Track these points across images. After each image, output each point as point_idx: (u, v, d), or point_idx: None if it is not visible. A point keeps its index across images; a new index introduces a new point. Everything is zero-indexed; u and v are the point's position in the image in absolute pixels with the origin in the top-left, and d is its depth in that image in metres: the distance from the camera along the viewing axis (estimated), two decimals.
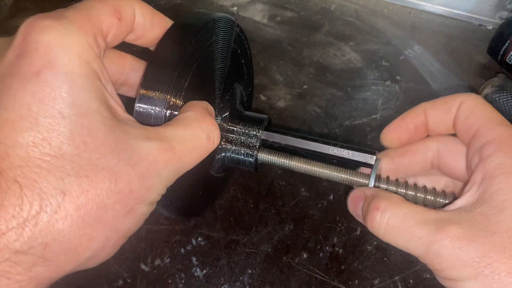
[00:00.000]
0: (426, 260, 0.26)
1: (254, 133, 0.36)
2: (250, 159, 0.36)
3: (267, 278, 0.45)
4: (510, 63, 0.65)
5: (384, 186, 0.32)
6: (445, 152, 0.32)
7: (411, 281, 0.45)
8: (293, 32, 0.77)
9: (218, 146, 0.33)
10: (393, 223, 0.26)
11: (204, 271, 0.45)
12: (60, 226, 0.21)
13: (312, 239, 0.48)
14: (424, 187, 0.32)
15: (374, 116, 0.62)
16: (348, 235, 0.48)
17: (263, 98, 0.65)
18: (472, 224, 0.24)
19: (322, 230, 0.49)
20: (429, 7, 0.80)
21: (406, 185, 0.32)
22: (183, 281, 0.45)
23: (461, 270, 0.24)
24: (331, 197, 0.52)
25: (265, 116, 0.37)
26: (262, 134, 0.36)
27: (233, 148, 0.36)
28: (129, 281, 0.44)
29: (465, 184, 0.28)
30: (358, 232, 0.49)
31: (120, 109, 0.25)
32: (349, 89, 0.66)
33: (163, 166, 0.25)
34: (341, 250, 0.47)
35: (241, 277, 0.45)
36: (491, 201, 0.25)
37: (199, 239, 0.47)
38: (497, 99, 0.59)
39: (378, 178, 0.32)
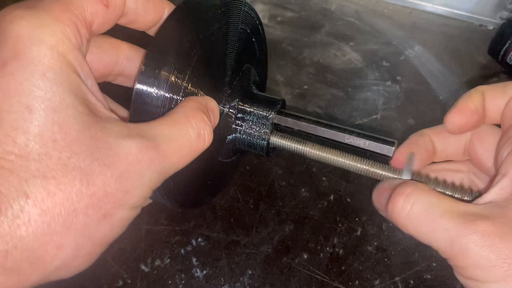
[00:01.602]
0: (449, 255, 0.23)
1: (266, 115, 0.34)
2: (262, 142, 0.34)
3: (267, 278, 0.45)
4: (510, 63, 0.64)
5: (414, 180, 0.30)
6: (477, 139, 0.30)
7: (412, 281, 0.45)
8: (293, 32, 0.77)
9: (227, 133, 0.31)
10: (417, 210, 0.24)
11: (204, 272, 0.45)
12: (22, 233, 0.19)
13: (313, 239, 0.48)
14: (453, 183, 0.30)
15: (374, 116, 0.62)
16: (348, 236, 0.48)
17: None
18: (505, 221, 0.22)
19: (322, 231, 0.49)
20: (429, 7, 0.80)
21: (436, 180, 0.30)
22: (183, 281, 0.44)
23: (488, 271, 0.21)
24: (332, 197, 0.52)
25: (279, 98, 0.35)
26: (275, 118, 0.34)
27: (245, 130, 0.34)
28: (129, 281, 0.44)
29: (493, 177, 0.25)
30: (359, 233, 0.49)
31: (100, 105, 0.23)
32: (349, 89, 0.66)
33: (145, 167, 0.22)
34: (341, 251, 0.47)
35: (241, 278, 0.45)
36: None
37: (199, 239, 0.47)
38: None
39: (411, 172, 0.30)
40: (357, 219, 0.50)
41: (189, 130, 0.25)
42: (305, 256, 0.47)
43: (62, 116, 0.20)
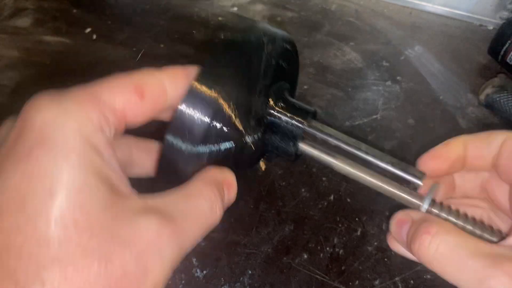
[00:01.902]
0: None
1: (297, 124, 0.33)
2: (291, 149, 0.33)
3: (267, 278, 0.45)
4: (510, 63, 0.64)
5: (436, 211, 0.30)
6: (494, 179, 0.31)
7: (412, 281, 0.45)
8: (293, 32, 0.77)
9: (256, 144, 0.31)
10: (444, 251, 0.24)
11: (204, 272, 0.45)
12: None
13: (313, 239, 0.48)
14: (473, 218, 0.30)
15: (374, 116, 0.62)
16: (348, 236, 0.48)
17: None
18: None
19: (322, 231, 0.49)
20: (429, 7, 0.80)
21: (457, 213, 0.30)
22: (183, 281, 0.44)
23: None
24: (332, 197, 0.52)
25: (312, 108, 0.34)
26: (305, 127, 0.33)
27: (275, 137, 0.34)
28: None
29: None
30: (359, 233, 0.49)
31: (121, 184, 0.23)
32: (349, 89, 0.66)
33: (164, 243, 0.22)
34: (341, 251, 0.47)
35: (241, 278, 0.45)
36: None
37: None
38: (497, 99, 0.59)
39: (433, 202, 0.30)
40: (357, 219, 0.50)
41: (203, 203, 0.24)
42: (305, 256, 0.47)
43: (84, 197, 0.20)
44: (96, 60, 0.72)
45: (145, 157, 0.31)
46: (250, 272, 0.45)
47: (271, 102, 0.33)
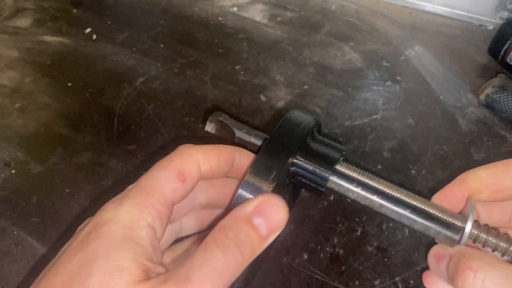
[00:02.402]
0: None
1: (324, 174, 0.32)
2: (320, 189, 0.33)
3: (267, 279, 0.45)
4: (510, 63, 0.64)
5: (484, 236, 0.29)
6: None
7: (412, 281, 0.45)
8: (293, 32, 0.77)
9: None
10: (490, 285, 0.24)
11: None
12: None
13: (313, 239, 0.48)
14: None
15: (374, 116, 0.62)
16: (348, 236, 0.48)
17: (263, 98, 0.65)
18: None
19: (322, 231, 0.49)
20: (429, 7, 0.80)
21: (497, 234, 0.29)
22: None
23: None
24: (332, 197, 0.52)
25: (338, 155, 0.33)
26: (332, 176, 0.32)
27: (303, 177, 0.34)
28: None
29: None
30: (359, 233, 0.49)
31: (155, 267, 0.26)
32: (349, 89, 0.66)
33: None
34: (341, 251, 0.47)
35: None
36: None
37: None
38: (497, 99, 0.59)
39: (477, 225, 0.29)
40: (357, 219, 0.50)
41: (215, 253, 0.25)
42: (305, 256, 0.47)
43: (113, 279, 0.24)
44: (96, 60, 0.72)
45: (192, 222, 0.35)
46: None
47: (298, 158, 0.33)
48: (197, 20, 0.80)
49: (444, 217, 0.30)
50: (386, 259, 0.46)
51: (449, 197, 0.31)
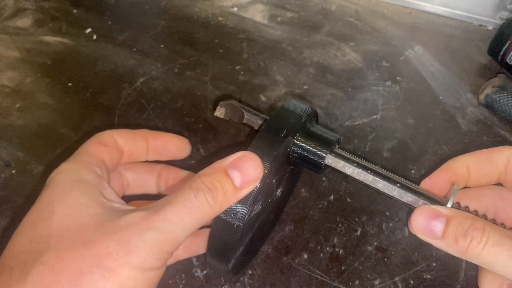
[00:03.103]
0: None
1: (321, 153, 0.36)
2: (316, 169, 0.37)
3: (267, 278, 0.45)
4: (510, 63, 0.65)
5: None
6: (499, 200, 0.32)
7: (412, 281, 0.45)
8: (293, 33, 0.77)
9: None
10: (492, 242, 0.26)
11: (205, 272, 0.45)
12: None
13: (313, 239, 0.48)
14: (503, 224, 0.31)
15: (374, 116, 0.62)
16: (348, 236, 0.48)
17: (263, 98, 0.65)
18: None
19: (322, 231, 0.49)
20: (429, 7, 0.80)
21: (476, 213, 0.31)
22: (183, 281, 0.45)
23: None
24: (332, 197, 0.52)
25: (334, 138, 0.37)
26: (328, 158, 0.36)
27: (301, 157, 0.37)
28: None
29: None
30: (359, 233, 0.49)
31: (114, 201, 0.30)
32: (349, 89, 0.66)
33: (145, 229, 0.26)
34: (341, 251, 0.47)
35: (242, 278, 0.45)
36: None
37: None
38: (497, 99, 0.59)
39: (458, 206, 0.31)
40: (357, 219, 0.50)
41: (187, 192, 0.28)
42: (305, 256, 0.47)
43: (75, 211, 0.28)
44: (97, 60, 0.72)
45: (148, 178, 0.41)
46: (250, 272, 0.45)
47: (298, 138, 0.36)
48: (197, 20, 0.80)
49: (430, 195, 0.32)
50: (386, 259, 0.47)
51: (437, 182, 0.33)
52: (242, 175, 0.29)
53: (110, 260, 0.25)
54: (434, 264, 0.46)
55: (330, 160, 0.35)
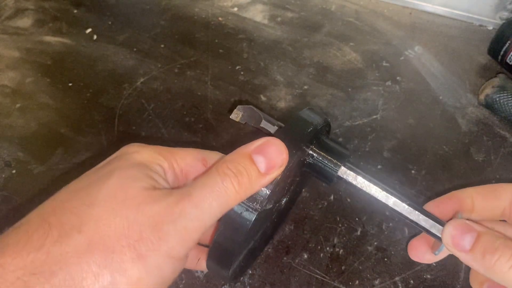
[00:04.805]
0: None
1: (333, 166, 0.36)
2: (329, 180, 0.37)
3: (267, 278, 0.45)
4: (510, 63, 0.65)
5: None
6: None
7: (412, 281, 0.45)
8: (293, 33, 0.77)
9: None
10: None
11: (205, 272, 0.45)
12: (69, 259, 0.24)
13: (313, 239, 0.48)
14: None
15: (374, 116, 0.62)
16: (348, 236, 0.48)
17: (263, 98, 0.65)
18: None
19: (322, 231, 0.49)
20: (429, 7, 0.80)
21: None
22: (183, 281, 0.45)
23: None
24: (332, 197, 0.52)
25: (347, 152, 0.37)
26: (340, 172, 0.36)
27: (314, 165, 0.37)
28: None
29: None
30: (359, 233, 0.49)
31: (162, 185, 0.30)
32: (349, 89, 0.66)
33: (177, 215, 0.26)
34: (341, 251, 0.47)
35: (242, 278, 0.45)
36: None
37: None
38: (497, 99, 0.59)
39: None
40: (357, 219, 0.50)
41: (215, 177, 0.28)
42: (305, 256, 0.47)
43: (128, 182, 0.28)
44: (97, 60, 0.72)
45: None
46: (250, 272, 0.45)
47: (312, 148, 0.36)
48: (197, 20, 0.80)
49: (435, 218, 0.32)
50: (386, 259, 0.47)
51: (441, 207, 0.33)
52: (266, 160, 0.29)
53: (141, 245, 0.25)
54: (434, 264, 0.46)
55: (344, 173, 0.36)
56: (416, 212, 0.33)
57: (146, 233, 0.25)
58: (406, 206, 0.33)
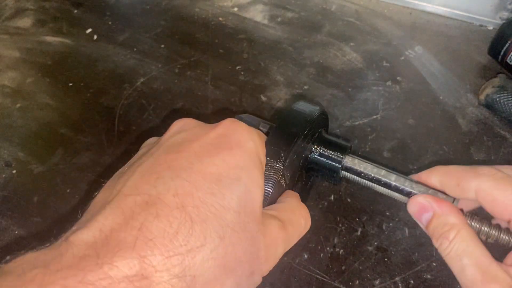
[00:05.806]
0: None
1: (337, 157, 0.37)
2: (334, 176, 0.38)
3: (267, 278, 0.45)
4: (510, 63, 0.65)
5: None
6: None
7: (412, 281, 0.45)
8: (293, 33, 0.77)
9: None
10: (454, 255, 0.29)
11: None
12: (209, 265, 0.24)
13: (313, 239, 0.48)
14: (498, 225, 0.32)
15: (374, 116, 0.62)
16: (348, 236, 0.48)
17: (263, 98, 0.65)
18: None
19: (322, 231, 0.49)
20: (429, 7, 0.80)
21: (481, 220, 0.32)
22: None
23: None
24: (332, 197, 0.52)
25: (348, 144, 0.38)
26: (344, 160, 0.37)
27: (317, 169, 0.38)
28: None
29: None
30: (359, 233, 0.49)
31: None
32: (349, 89, 0.66)
33: (280, 242, 0.29)
34: (341, 251, 0.47)
35: None
36: None
37: None
38: (497, 99, 0.59)
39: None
40: (357, 219, 0.50)
41: (301, 219, 0.32)
42: (306, 256, 0.47)
43: (256, 190, 0.28)
44: (97, 60, 0.72)
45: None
46: None
47: (314, 146, 0.38)
48: (197, 20, 0.80)
49: (439, 191, 0.34)
50: (386, 259, 0.47)
51: (423, 180, 0.35)
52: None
53: (255, 264, 0.27)
54: (434, 264, 0.46)
55: (349, 162, 0.37)
56: (418, 185, 0.34)
57: (261, 254, 0.27)
58: (408, 181, 0.35)
